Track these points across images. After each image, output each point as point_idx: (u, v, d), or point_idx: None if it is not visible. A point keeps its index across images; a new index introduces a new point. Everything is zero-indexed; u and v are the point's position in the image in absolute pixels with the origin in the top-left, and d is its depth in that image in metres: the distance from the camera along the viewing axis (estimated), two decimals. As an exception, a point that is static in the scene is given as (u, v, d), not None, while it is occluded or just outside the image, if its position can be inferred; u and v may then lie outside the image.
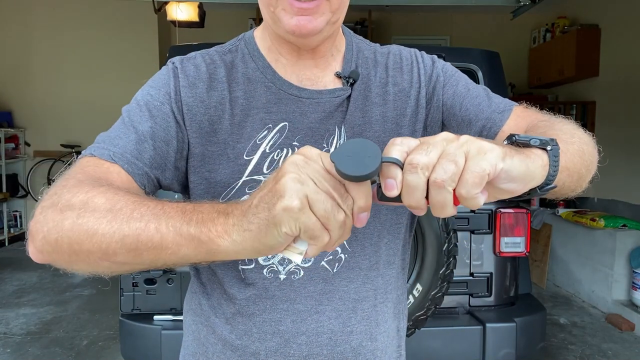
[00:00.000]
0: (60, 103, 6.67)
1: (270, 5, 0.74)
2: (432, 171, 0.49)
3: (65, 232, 0.58)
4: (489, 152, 0.50)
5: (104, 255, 0.58)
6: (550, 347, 3.43)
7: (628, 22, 5.02)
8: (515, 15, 4.03)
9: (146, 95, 0.77)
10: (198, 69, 0.80)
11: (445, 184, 0.49)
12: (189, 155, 0.78)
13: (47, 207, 0.61)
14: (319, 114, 0.80)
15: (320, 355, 0.80)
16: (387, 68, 0.86)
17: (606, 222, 4.07)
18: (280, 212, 0.50)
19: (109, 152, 0.70)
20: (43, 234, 0.60)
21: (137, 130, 0.73)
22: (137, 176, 0.70)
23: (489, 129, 0.80)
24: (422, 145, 0.50)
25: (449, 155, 0.49)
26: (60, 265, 0.63)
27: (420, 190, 0.50)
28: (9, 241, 6.33)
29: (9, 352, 3.28)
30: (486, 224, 2.30)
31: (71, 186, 0.62)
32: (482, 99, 0.82)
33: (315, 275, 0.80)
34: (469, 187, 0.49)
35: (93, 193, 0.60)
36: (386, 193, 0.51)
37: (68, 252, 0.60)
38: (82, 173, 0.66)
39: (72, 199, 0.60)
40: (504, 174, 0.51)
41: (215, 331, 0.83)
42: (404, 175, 0.50)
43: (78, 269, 0.62)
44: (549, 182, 0.57)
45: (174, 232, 0.55)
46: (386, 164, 0.50)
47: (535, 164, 0.54)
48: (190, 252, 0.56)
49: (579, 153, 0.67)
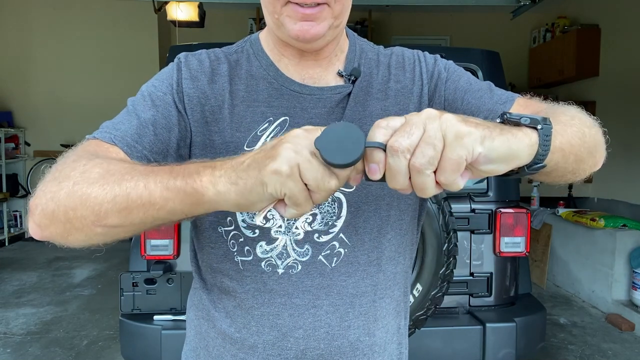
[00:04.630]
0: (60, 103, 6.67)
1: (275, 12, 0.76)
2: (412, 154, 0.50)
3: (61, 201, 0.61)
4: (466, 137, 0.51)
5: (97, 219, 0.60)
6: (550, 347, 3.43)
7: (628, 22, 5.02)
8: (515, 15, 4.03)
9: (150, 87, 0.81)
10: (201, 63, 0.83)
11: (423, 168, 0.50)
12: (192, 144, 0.81)
13: (48, 181, 0.63)
14: (319, 109, 0.81)
15: (318, 349, 0.80)
16: (389, 67, 0.87)
17: (606, 222, 4.07)
18: (268, 174, 0.53)
19: (110, 135, 0.72)
20: (41, 206, 0.62)
21: (140, 117, 0.76)
22: (135, 158, 0.72)
23: (491, 119, 0.79)
24: (405, 127, 0.51)
25: (429, 138, 0.50)
26: (57, 240, 0.65)
27: (403, 174, 0.51)
28: (9, 241, 6.33)
29: (9, 352, 3.28)
30: (486, 224, 2.30)
31: (71, 161, 0.65)
32: (484, 92, 0.83)
33: (313, 269, 0.80)
34: (447, 174, 0.50)
35: (90, 164, 0.63)
36: (370, 177, 0.52)
37: (63, 221, 0.61)
38: (82, 151, 0.69)
39: (70, 172, 0.62)
40: (483, 158, 0.52)
41: (216, 325, 0.85)
42: (387, 159, 0.51)
43: (74, 240, 0.64)
44: (538, 161, 0.57)
45: (161, 187, 0.58)
46: (370, 148, 0.51)
47: (522, 143, 0.55)
48: (177, 205, 0.59)
49: (578, 135, 0.66)
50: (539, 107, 0.77)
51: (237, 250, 0.81)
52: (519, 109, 0.79)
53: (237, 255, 0.81)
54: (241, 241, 0.81)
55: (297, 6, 0.74)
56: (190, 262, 0.91)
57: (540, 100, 0.80)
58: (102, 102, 6.50)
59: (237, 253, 0.81)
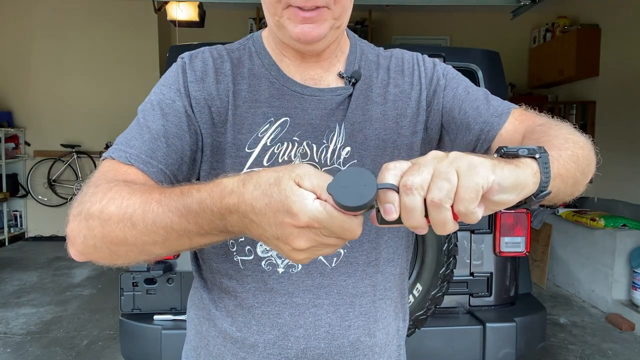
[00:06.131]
0: (60, 103, 6.66)
1: (276, 15, 0.77)
2: (427, 191, 0.50)
3: (99, 239, 0.64)
4: (479, 166, 0.51)
5: (141, 253, 0.65)
6: (550, 347, 3.43)
7: (628, 22, 5.02)
8: (515, 15, 4.03)
9: (158, 94, 0.81)
10: (205, 63, 0.83)
11: (443, 202, 0.49)
12: (203, 146, 0.81)
13: (76, 215, 0.66)
14: (320, 110, 0.82)
15: (318, 348, 0.81)
16: (389, 70, 0.88)
17: (606, 222, 4.07)
18: (292, 253, 0.55)
19: (126, 154, 0.74)
20: (81, 239, 0.65)
21: (151, 129, 0.76)
22: (152, 174, 0.74)
23: (487, 132, 0.81)
24: (414, 167, 0.51)
25: (442, 174, 0.50)
26: (102, 263, 0.69)
27: (419, 211, 0.50)
28: (9, 241, 6.33)
29: (9, 352, 3.28)
30: (486, 224, 2.31)
31: (90, 194, 0.67)
32: (480, 102, 0.83)
33: (313, 269, 0.81)
34: (467, 204, 0.50)
35: (105, 201, 0.64)
36: (386, 217, 0.52)
37: (108, 253, 0.66)
38: (102, 178, 0.71)
39: (91, 208, 0.65)
40: (497, 186, 0.52)
41: (216, 324, 0.85)
42: (401, 198, 0.51)
43: (121, 264, 0.68)
44: (542, 188, 0.57)
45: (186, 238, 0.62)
46: (382, 190, 0.51)
47: (526, 172, 0.55)
48: (205, 241, 0.63)
49: (572, 158, 0.67)
50: (534, 120, 0.78)
51: (237, 249, 0.82)
52: (514, 122, 0.80)
53: (236, 255, 0.82)
54: (241, 241, 0.81)
55: (297, 9, 0.74)
56: (191, 261, 0.92)
57: (535, 112, 0.81)
58: (102, 102, 6.51)
59: (236, 253, 0.82)
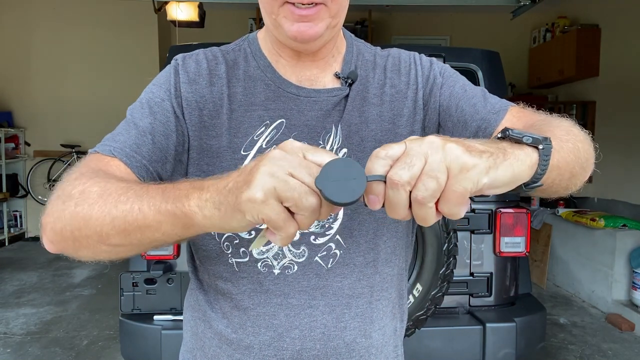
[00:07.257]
0: (60, 103, 6.67)
1: (272, 13, 0.76)
2: (413, 187, 0.49)
3: (67, 221, 0.63)
4: (471, 170, 0.50)
5: (100, 239, 0.62)
6: (550, 347, 3.43)
7: (628, 22, 5.02)
8: (515, 15, 4.03)
9: (148, 93, 0.81)
10: (199, 65, 0.83)
11: (426, 201, 0.49)
12: (189, 148, 0.81)
13: (53, 199, 0.66)
14: (316, 111, 0.81)
15: (314, 349, 0.80)
16: (385, 70, 0.87)
17: (606, 222, 4.07)
18: (244, 202, 0.52)
19: (109, 147, 0.74)
20: (50, 224, 0.65)
21: (138, 126, 0.76)
22: (135, 168, 0.73)
23: (484, 129, 0.80)
24: (405, 157, 0.50)
25: (431, 171, 0.49)
26: (68, 254, 0.68)
27: (402, 206, 0.50)
28: (9, 241, 6.33)
29: (9, 352, 3.28)
30: (486, 224, 2.30)
31: (73, 179, 0.67)
32: (477, 100, 0.82)
33: (309, 270, 0.80)
34: (451, 205, 0.50)
35: (89, 183, 0.65)
36: (370, 207, 0.52)
37: (72, 239, 0.64)
38: (84, 167, 0.70)
39: (72, 190, 0.64)
40: (487, 186, 0.52)
41: (212, 326, 0.84)
42: (387, 190, 0.50)
43: (83, 256, 0.67)
44: (535, 180, 0.57)
45: (154, 211, 0.59)
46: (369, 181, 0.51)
47: (524, 164, 0.55)
48: (169, 228, 0.59)
49: (573, 151, 0.67)
50: (533, 118, 0.77)
51: (232, 252, 0.81)
52: (512, 119, 0.79)
53: (231, 257, 0.81)
54: (236, 243, 0.81)
55: (293, 7, 0.73)
56: (187, 263, 0.91)
57: (533, 110, 0.80)
58: (102, 102, 6.51)
59: (231, 255, 0.81)
